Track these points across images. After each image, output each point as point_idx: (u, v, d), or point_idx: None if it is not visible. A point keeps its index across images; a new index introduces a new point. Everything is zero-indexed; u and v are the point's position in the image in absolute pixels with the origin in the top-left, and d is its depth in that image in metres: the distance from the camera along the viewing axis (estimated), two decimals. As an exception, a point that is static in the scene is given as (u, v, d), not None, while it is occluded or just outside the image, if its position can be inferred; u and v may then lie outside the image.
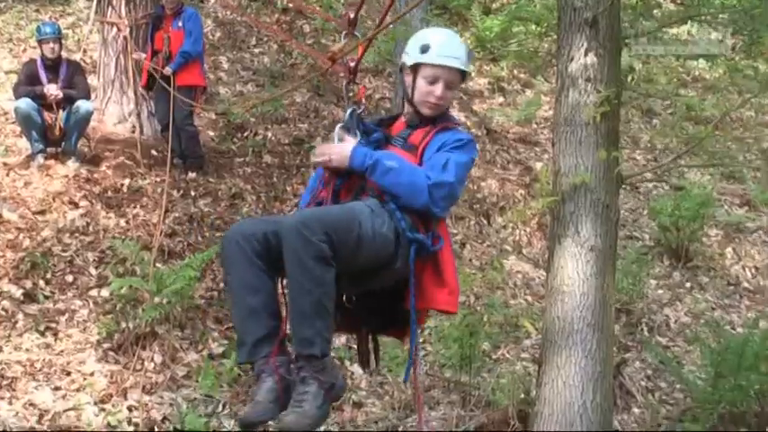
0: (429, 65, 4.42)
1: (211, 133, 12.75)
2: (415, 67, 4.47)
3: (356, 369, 9.19)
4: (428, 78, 4.43)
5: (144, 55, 12.04)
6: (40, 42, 11.54)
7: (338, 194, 4.35)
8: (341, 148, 4.28)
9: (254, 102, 12.75)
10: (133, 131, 12.00)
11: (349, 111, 4.44)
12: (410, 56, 4.51)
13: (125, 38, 12.28)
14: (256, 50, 14.98)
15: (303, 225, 3.77)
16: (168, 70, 11.64)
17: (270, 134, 12.77)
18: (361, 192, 4.31)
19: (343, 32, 4.53)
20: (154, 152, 11.80)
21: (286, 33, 15.15)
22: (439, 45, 4.45)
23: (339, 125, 4.41)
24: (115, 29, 12.40)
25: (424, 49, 4.42)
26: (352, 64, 4.47)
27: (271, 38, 15.26)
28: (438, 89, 4.43)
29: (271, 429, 4.34)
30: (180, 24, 11.71)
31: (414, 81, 4.49)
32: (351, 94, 4.54)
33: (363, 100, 4.61)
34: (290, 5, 16.00)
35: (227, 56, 14.61)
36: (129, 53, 12.21)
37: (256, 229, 3.97)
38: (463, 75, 4.61)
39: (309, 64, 14.85)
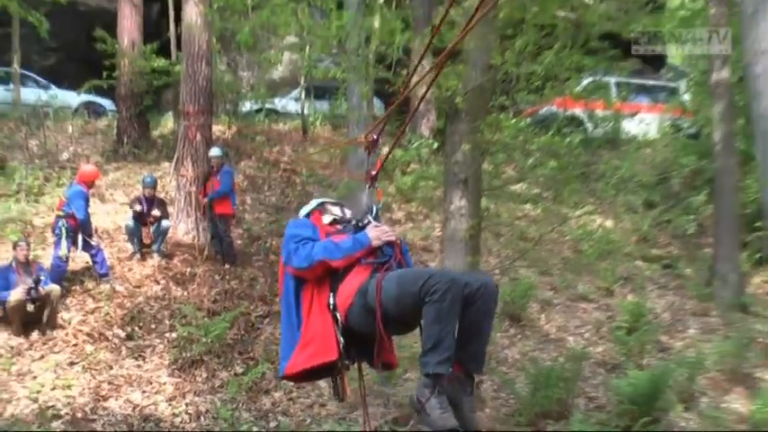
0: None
1: (239, 241, 12.81)
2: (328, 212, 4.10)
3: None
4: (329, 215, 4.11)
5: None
6: (143, 187, 11.77)
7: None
8: (392, 231, 3.76)
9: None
10: (193, 240, 12.08)
11: (375, 208, 3.93)
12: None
13: (190, 184, 12.43)
14: (268, 193, 15.06)
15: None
16: (205, 201, 11.91)
17: (274, 242, 12.81)
18: (398, 265, 3.65)
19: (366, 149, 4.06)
20: (205, 252, 11.85)
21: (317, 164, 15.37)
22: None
23: (371, 216, 3.86)
24: (184, 178, 12.52)
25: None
26: (374, 173, 4.01)
27: (276, 185, 15.46)
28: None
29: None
30: (218, 177, 11.81)
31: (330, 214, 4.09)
32: (373, 196, 4.06)
33: (381, 200, 4.12)
34: (288, 167, 16.21)
35: (250, 196, 14.70)
36: (193, 194, 12.36)
37: (463, 283, 3.14)
38: None
39: (298, 202, 14.97)
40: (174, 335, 9.86)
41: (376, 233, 3.65)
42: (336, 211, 4.14)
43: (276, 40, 15.80)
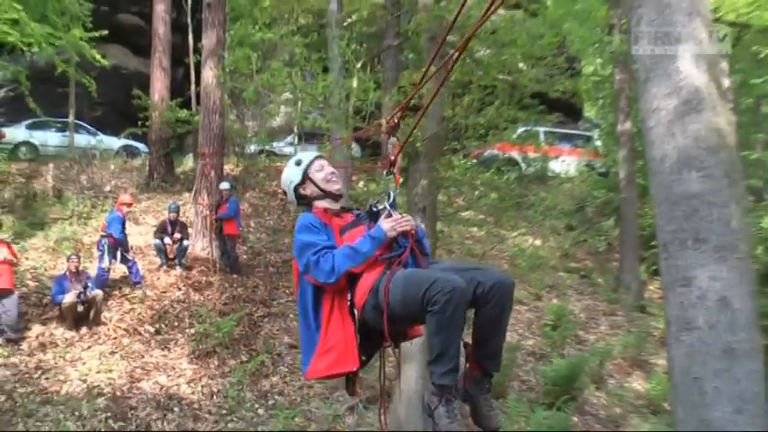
0: (313, 165, 3.09)
1: (244, 256, 12.77)
2: (305, 177, 3.09)
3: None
4: (318, 170, 3.09)
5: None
6: (168, 212, 11.74)
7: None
8: (411, 220, 2.91)
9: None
10: (208, 255, 12.04)
11: (392, 194, 2.98)
12: (294, 179, 3.12)
13: (206, 210, 12.37)
14: (267, 218, 15.00)
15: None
16: (215, 223, 11.91)
17: (272, 257, 12.83)
18: (413, 255, 2.89)
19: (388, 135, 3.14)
20: (217, 264, 11.86)
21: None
22: (306, 156, 3.15)
23: (388, 203, 2.97)
24: (201, 206, 12.49)
25: (299, 163, 3.14)
26: (392, 158, 3.11)
27: (274, 212, 15.38)
28: (329, 167, 3.14)
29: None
30: (227, 205, 11.78)
31: (313, 183, 3.09)
32: (390, 182, 3.05)
33: (398, 186, 3.21)
34: (284, 197, 16.14)
35: (253, 220, 14.66)
36: (208, 218, 12.28)
37: (474, 284, 2.57)
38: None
39: (292, 225, 14.81)
40: (192, 331, 9.85)
41: (390, 224, 2.88)
42: (319, 174, 3.14)
43: (275, 97, 15.88)
